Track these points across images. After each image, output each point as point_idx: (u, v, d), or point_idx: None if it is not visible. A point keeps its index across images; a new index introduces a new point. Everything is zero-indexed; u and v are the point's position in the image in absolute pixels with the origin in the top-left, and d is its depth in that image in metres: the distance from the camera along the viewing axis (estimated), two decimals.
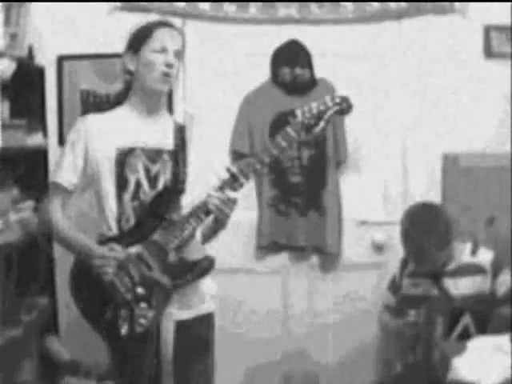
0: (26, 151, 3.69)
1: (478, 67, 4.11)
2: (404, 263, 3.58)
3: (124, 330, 2.67)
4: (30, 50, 3.80)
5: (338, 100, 2.80)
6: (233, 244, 4.07)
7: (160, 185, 2.80)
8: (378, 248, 4.16)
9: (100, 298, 2.71)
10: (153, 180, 2.79)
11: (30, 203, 3.62)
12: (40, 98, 3.92)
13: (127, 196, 2.77)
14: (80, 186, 2.87)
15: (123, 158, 2.76)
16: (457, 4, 4.04)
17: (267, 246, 4.10)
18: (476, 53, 4.10)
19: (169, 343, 2.79)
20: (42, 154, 3.83)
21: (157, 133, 2.84)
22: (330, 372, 4.19)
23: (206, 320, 2.91)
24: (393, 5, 4.04)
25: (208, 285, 2.91)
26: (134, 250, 2.72)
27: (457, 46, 4.09)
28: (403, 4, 4.04)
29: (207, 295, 2.92)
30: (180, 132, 2.88)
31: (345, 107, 2.82)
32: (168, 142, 2.84)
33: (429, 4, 4.04)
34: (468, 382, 2.83)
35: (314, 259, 4.18)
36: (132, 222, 2.77)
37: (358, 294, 4.11)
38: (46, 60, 3.93)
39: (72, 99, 3.97)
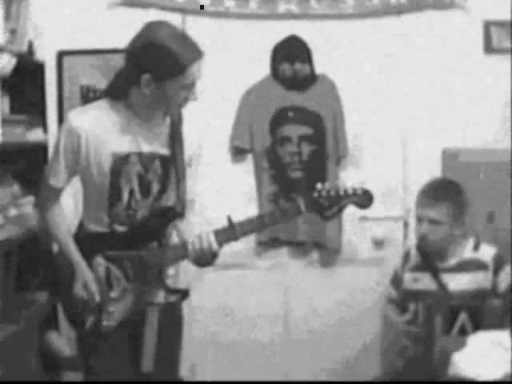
0: (26, 147, 3.69)
1: (478, 62, 4.10)
2: (406, 257, 3.59)
3: (89, 323, 2.69)
4: (30, 45, 3.79)
5: (359, 192, 2.68)
6: None
7: (152, 194, 2.71)
8: (378, 243, 4.16)
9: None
10: (145, 189, 2.70)
11: (29, 199, 3.62)
12: (40, 93, 3.93)
13: (120, 206, 2.69)
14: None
15: (118, 166, 2.65)
16: None
17: (267, 241, 4.10)
18: (476, 48, 4.10)
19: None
20: (41, 150, 3.83)
21: (152, 137, 2.70)
22: (331, 367, 4.19)
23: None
24: (393, 0, 4.04)
25: None
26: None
27: (457, 42, 4.08)
28: None
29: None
30: (177, 134, 2.73)
31: (364, 202, 2.70)
32: (162, 147, 2.71)
33: None
34: (468, 377, 2.83)
35: (314, 255, 4.18)
36: (124, 227, 2.71)
37: (358, 290, 4.11)
38: (46, 55, 3.93)
39: (72, 94, 3.97)
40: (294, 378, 4.17)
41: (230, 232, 2.64)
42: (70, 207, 3.12)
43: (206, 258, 2.66)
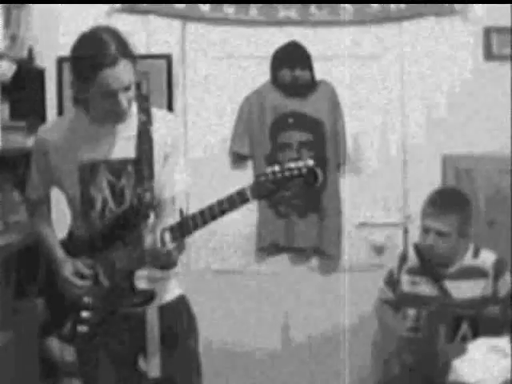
0: (26, 153, 3.67)
1: (478, 69, 4.11)
2: (403, 258, 3.56)
3: (66, 330, 2.71)
4: (30, 51, 3.80)
5: (304, 171, 2.48)
6: (233, 246, 4.07)
7: (126, 202, 2.65)
8: (378, 250, 4.16)
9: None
10: (118, 196, 2.66)
11: None
12: (40, 99, 3.92)
13: (94, 215, 2.67)
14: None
15: (86, 175, 2.63)
16: (457, 6, 4.04)
17: (267, 247, 4.10)
18: (476, 54, 4.10)
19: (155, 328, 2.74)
20: None
21: (120, 141, 2.66)
22: (330, 374, 4.18)
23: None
24: (393, 7, 4.04)
25: None
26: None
27: (457, 48, 4.09)
28: (403, 6, 4.04)
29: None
30: (144, 136, 2.65)
31: (310, 179, 2.51)
32: (131, 150, 2.65)
33: (429, 6, 4.04)
34: (467, 383, 2.83)
35: (314, 261, 4.18)
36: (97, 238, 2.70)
37: (357, 296, 4.10)
38: (46, 62, 3.93)
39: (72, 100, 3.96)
40: None
41: (183, 227, 2.53)
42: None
43: (161, 259, 2.57)
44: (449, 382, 2.91)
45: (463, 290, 3.34)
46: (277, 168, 2.48)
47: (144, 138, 2.64)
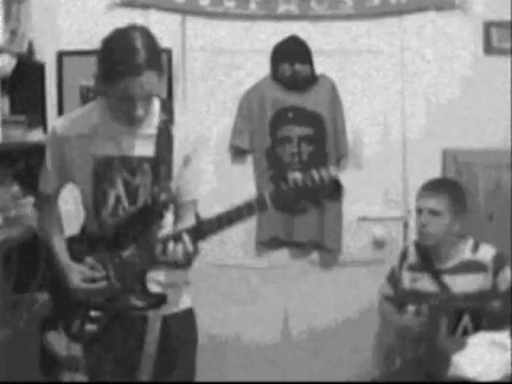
0: (26, 147, 3.69)
1: (478, 63, 4.11)
2: (403, 255, 3.57)
3: (75, 328, 2.70)
4: (30, 45, 3.80)
5: (326, 180, 2.44)
6: (233, 240, 4.07)
7: (140, 200, 2.63)
8: (378, 244, 4.16)
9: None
10: (132, 194, 2.64)
11: (29, 199, 3.62)
12: (40, 93, 3.92)
13: (105, 212, 2.66)
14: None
15: (101, 170, 2.60)
16: (457, 0, 4.04)
17: (267, 241, 4.10)
18: (476, 48, 4.10)
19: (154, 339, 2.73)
20: (41, 150, 3.81)
21: (139, 139, 2.62)
22: (330, 367, 4.19)
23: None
24: (393, 1, 4.03)
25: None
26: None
27: (457, 42, 4.09)
28: (404, 0, 4.04)
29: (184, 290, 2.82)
30: (164, 135, 2.62)
31: (333, 192, 2.48)
32: (149, 149, 2.62)
33: (429, 0, 4.04)
34: (468, 377, 2.83)
35: (314, 255, 4.18)
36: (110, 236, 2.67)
37: (358, 290, 4.11)
38: (46, 56, 3.93)
39: (72, 95, 3.96)
40: (293, 379, 4.16)
41: (199, 230, 2.52)
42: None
43: (180, 260, 2.53)
44: (449, 376, 2.91)
45: (463, 284, 3.35)
46: (298, 176, 2.43)
47: (164, 136, 2.61)
